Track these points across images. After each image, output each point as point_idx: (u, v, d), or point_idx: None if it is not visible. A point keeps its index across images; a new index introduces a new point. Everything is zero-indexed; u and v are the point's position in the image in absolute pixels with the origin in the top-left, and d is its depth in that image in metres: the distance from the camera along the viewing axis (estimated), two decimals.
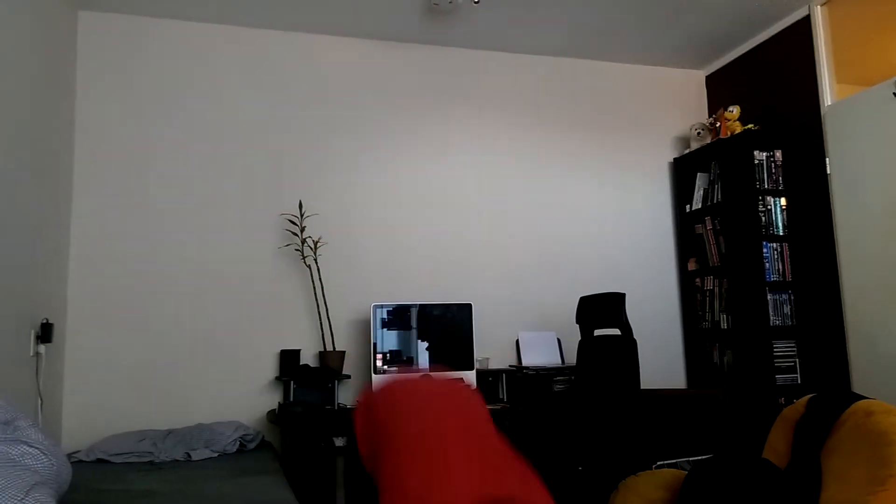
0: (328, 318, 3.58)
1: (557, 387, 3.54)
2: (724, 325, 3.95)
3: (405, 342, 3.56)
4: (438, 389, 1.87)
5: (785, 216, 3.81)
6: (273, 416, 3.39)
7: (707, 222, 4.12)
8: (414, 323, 3.59)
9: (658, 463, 2.98)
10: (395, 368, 3.50)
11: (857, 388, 3.38)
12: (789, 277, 3.75)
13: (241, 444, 3.06)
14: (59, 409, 3.24)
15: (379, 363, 3.49)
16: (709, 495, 2.39)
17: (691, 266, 4.25)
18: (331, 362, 3.49)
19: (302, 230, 3.64)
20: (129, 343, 3.40)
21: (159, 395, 3.39)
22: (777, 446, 2.66)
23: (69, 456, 2.93)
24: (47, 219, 3.07)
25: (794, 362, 3.69)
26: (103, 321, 3.38)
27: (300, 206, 3.68)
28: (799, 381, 3.65)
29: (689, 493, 2.49)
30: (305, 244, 3.67)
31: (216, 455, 2.93)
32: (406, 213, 3.89)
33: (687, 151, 4.33)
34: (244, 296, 3.59)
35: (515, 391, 3.58)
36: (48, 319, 3.03)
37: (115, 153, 3.51)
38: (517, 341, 3.73)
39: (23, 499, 1.68)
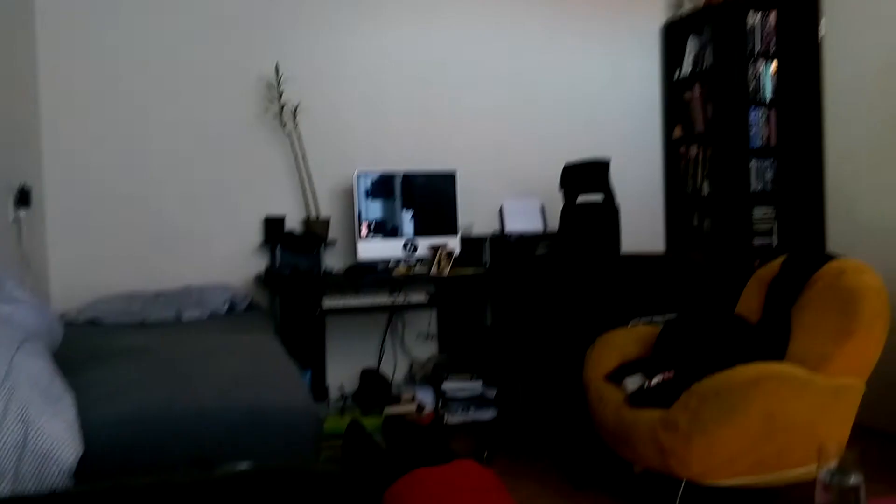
0: (311, 185, 3.56)
1: (539, 251, 3.60)
2: (705, 192, 3.98)
3: (389, 211, 3.56)
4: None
5: (774, 81, 3.75)
6: (261, 280, 3.45)
7: (696, 88, 4.05)
8: (398, 191, 3.58)
9: (634, 321, 3.10)
10: (379, 237, 3.52)
11: (832, 250, 3.47)
12: (774, 143, 3.75)
13: (231, 305, 3.13)
14: (46, 275, 3.26)
15: (364, 232, 3.50)
16: (680, 346, 2.50)
17: (677, 133, 4.21)
18: (316, 229, 3.51)
19: (280, 95, 3.54)
20: (110, 208, 3.36)
21: (145, 260, 3.40)
22: (750, 303, 2.77)
23: (59, 318, 2.98)
24: (13, 83, 2.94)
25: (772, 226, 3.75)
26: (82, 186, 3.32)
27: (277, 69, 3.54)
28: (774, 245, 3.74)
29: (662, 344, 2.60)
30: (284, 110, 3.57)
31: (206, 316, 3.00)
32: (389, 79, 3.77)
33: (679, 14, 4.17)
34: (225, 162, 3.53)
35: (498, 256, 3.64)
36: (25, 184, 2.98)
37: (80, 14, 3.31)
38: (501, 208, 3.74)
39: (15, 351, 1.72)
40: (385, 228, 3.55)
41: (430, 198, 3.61)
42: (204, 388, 1.85)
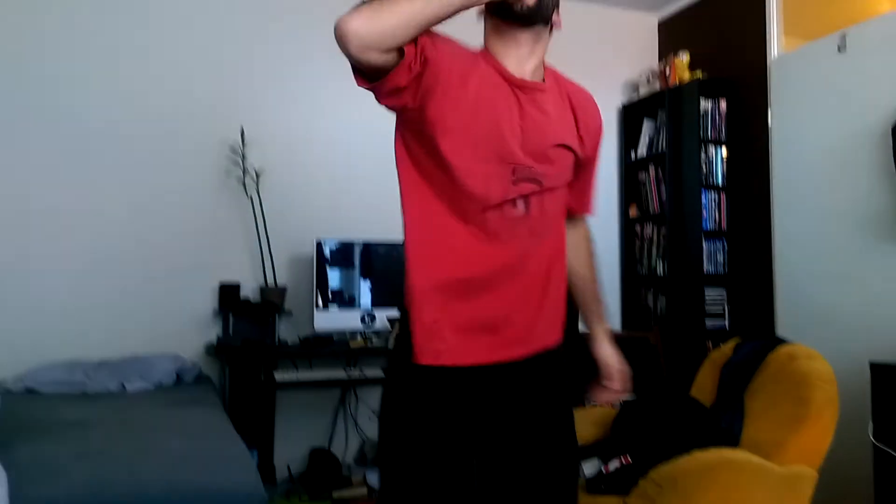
0: (270, 252, 3.50)
1: None
2: (660, 272, 4.06)
3: (348, 280, 3.53)
4: None
5: (725, 166, 3.89)
6: (212, 350, 3.34)
7: (650, 169, 4.18)
8: (357, 261, 3.55)
9: (592, 402, 3.07)
10: (336, 308, 3.47)
11: (782, 334, 3.54)
12: (724, 227, 3.86)
13: (178, 377, 3.01)
14: None
15: (321, 302, 3.45)
16: (637, 430, 2.49)
17: (632, 213, 4.32)
18: (271, 297, 3.44)
19: (243, 159, 3.52)
20: (57, 269, 3.25)
21: (90, 325, 3.26)
22: (704, 386, 2.78)
23: None
24: None
25: (724, 309, 3.83)
26: (25, 244, 3.21)
27: (242, 134, 3.53)
28: (727, 328, 3.80)
29: (619, 427, 2.59)
30: (247, 175, 3.55)
31: (152, 387, 2.88)
32: (353, 144, 3.78)
33: (635, 97, 4.34)
34: (182, 226, 3.46)
35: None
36: None
37: (33, 62, 3.28)
38: None
39: None
40: (343, 298, 3.51)
41: (389, 268, 3.59)
42: (145, 470, 1.76)
